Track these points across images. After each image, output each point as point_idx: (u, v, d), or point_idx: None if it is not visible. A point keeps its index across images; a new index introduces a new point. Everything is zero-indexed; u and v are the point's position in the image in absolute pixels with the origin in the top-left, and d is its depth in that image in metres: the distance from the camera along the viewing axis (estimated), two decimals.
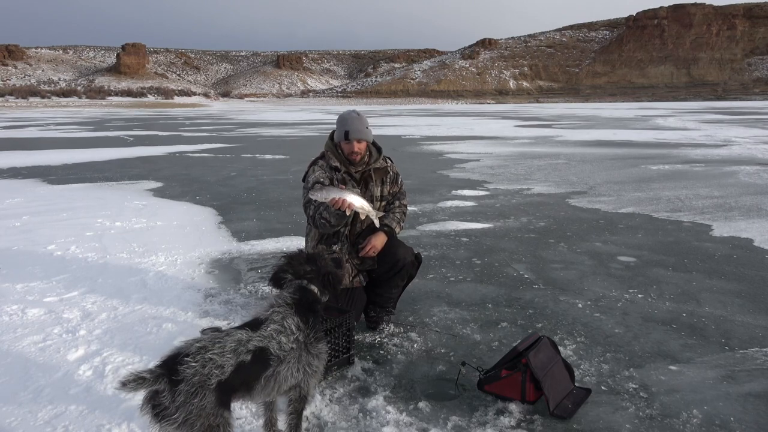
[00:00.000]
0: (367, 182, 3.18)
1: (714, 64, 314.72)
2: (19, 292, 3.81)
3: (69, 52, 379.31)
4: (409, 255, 3.22)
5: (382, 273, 3.20)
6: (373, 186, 3.20)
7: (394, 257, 3.16)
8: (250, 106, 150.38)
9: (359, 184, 3.16)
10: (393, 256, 3.16)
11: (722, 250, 4.91)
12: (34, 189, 8.83)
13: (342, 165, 3.14)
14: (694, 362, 2.78)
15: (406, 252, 3.21)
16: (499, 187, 8.58)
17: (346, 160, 3.15)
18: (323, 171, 3.13)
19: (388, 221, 3.22)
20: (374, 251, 3.11)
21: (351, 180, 3.14)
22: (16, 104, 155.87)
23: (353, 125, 3.11)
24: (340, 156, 3.15)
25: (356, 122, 3.13)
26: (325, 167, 3.15)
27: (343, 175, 3.12)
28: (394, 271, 3.19)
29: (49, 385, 2.55)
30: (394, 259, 3.16)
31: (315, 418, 2.32)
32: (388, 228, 3.18)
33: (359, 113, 3.20)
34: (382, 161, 3.24)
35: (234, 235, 5.55)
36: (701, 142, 17.22)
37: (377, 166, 3.21)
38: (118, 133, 26.09)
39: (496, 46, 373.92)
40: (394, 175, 3.31)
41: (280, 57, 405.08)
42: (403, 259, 3.18)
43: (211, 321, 3.29)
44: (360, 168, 3.17)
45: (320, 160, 3.19)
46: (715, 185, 8.65)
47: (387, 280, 3.22)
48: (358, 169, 3.17)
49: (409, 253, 3.22)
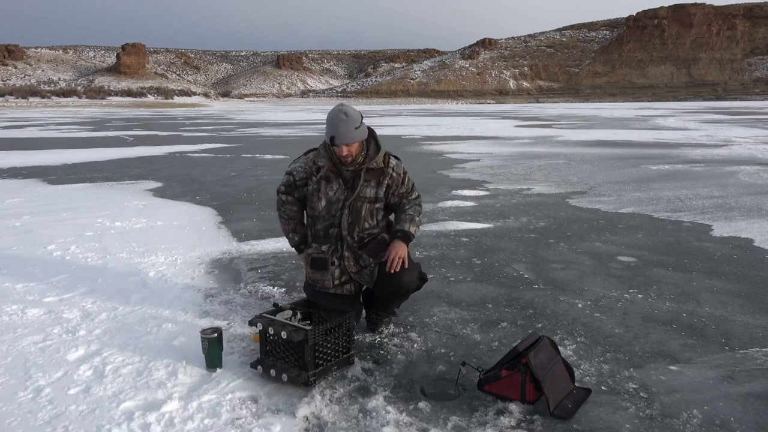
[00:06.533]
0: (354, 182, 2.97)
1: (714, 64, 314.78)
2: (19, 292, 3.81)
3: (69, 52, 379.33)
4: (414, 280, 3.05)
5: (383, 295, 3.06)
6: (363, 187, 2.98)
7: (398, 283, 2.98)
8: (250, 106, 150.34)
9: (347, 184, 2.98)
10: (397, 282, 2.97)
11: (722, 250, 4.91)
12: (34, 189, 8.83)
13: (330, 162, 2.96)
14: (694, 362, 2.78)
15: (410, 277, 3.00)
16: (499, 187, 8.58)
17: (336, 159, 2.96)
18: (305, 164, 3.02)
19: (399, 225, 3.00)
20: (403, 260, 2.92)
21: (338, 178, 2.97)
22: (16, 104, 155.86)
23: (339, 129, 2.82)
24: (332, 154, 2.96)
25: (343, 125, 2.83)
26: (309, 161, 3.02)
27: (328, 173, 2.96)
28: (396, 295, 3.07)
29: (48, 385, 2.55)
30: (398, 285, 2.99)
31: (315, 418, 2.32)
32: (401, 233, 2.98)
33: (347, 113, 2.87)
34: (379, 161, 2.99)
35: (234, 235, 5.55)
36: (701, 142, 17.22)
37: (371, 167, 2.97)
38: (118, 133, 26.08)
39: (496, 46, 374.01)
40: (397, 177, 3.05)
41: (280, 57, 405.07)
42: (407, 285, 3.02)
43: (211, 321, 3.29)
44: (351, 168, 2.96)
45: (312, 152, 3.07)
46: (715, 185, 8.65)
47: (387, 301, 3.12)
48: (349, 169, 2.96)
49: (413, 276, 3.04)
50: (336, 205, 2.99)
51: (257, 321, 2.66)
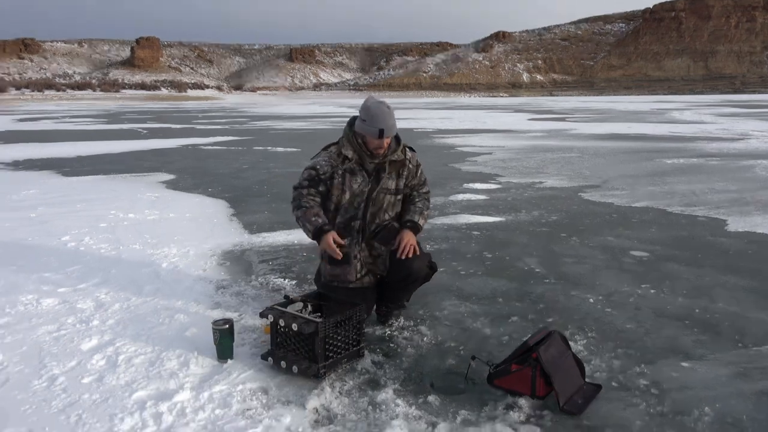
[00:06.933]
0: (379, 174, 3.03)
1: (732, 56, 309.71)
2: (34, 282, 3.86)
3: (84, 46, 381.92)
4: (424, 268, 3.08)
5: (393, 282, 3.09)
6: (386, 178, 3.04)
7: (408, 269, 3.01)
8: (263, 99, 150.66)
9: (370, 176, 3.03)
10: (407, 269, 3.01)
11: (737, 246, 4.85)
12: (49, 180, 8.94)
13: (355, 154, 2.99)
14: (707, 359, 2.75)
15: (421, 264, 3.05)
16: (511, 181, 8.53)
17: (363, 151, 2.98)
18: (329, 158, 3.01)
19: (409, 216, 3.08)
20: (413, 249, 2.97)
21: (362, 171, 3.01)
22: (32, 97, 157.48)
23: (388, 122, 2.89)
24: (357, 146, 2.99)
25: (389, 118, 2.90)
26: (333, 154, 3.02)
27: (353, 165, 2.99)
28: (406, 282, 3.09)
29: (62, 374, 2.59)
30: (408, 272, 3.02)
31: (325, 409, 2.33)
32: (410, 223, 3.05)
33: (389, 106, 2.96)
34: (400, 153, 3.06)
35: (245, 228, 5.58)
36: (717, 135, 16.97)
37: (393, 159, 3.04)
38: (132, 125, 26.29)
39: (510, 39, 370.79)
40: (413, 168, 3.14)
41: (293, 50, 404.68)
42: (417, 272, 3.05)
43: (223, 312, 3.31)
44: (376, 160, 3.01)
45: (332, 146, 3.07)
46: (731, 179, 8.53)
47: (398, 289, 3.14)
48: (374, 161, 3.01)
49: (423, 264, 3.08)
50: (359, 197, 3.03)
51: (268, 313, 2.67)
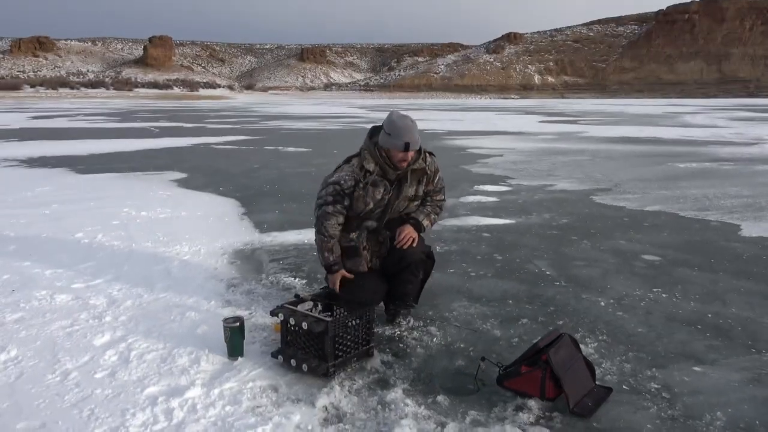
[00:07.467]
0: (401, 183, 3.07)
1: (746, 60, 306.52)
2: (48, 278, 3.91)
3: (97, 44, 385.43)
4: (418, 252, 3.11)
5: (390, 266, 3.14)
6: (407, 187, 3.09)
7: (401, 251, 3.06)
8: (274, 99, 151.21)
9: (392, 185, 3.05)
10: (400, 251, 3.06)
11: (751, 251, 4.80)
12: (63, 178, 9.03)
13: (377, 167, 3.01)
14: (719, 364, 2.73)
15: (416, 250, 3.09)
16: (521, 183, 8.50)
17: (386, 164, 3.00)
18: (351, 172, 3.01)
19: (415, 214, 3.14)
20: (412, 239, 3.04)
21: (383, 181, 3.01)
22: (46, 95, 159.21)
23: (413, 136, 2.92)
24: (379, 158, 3.00)
25: (415, 133, 2.94)
26: (355, 168, 3.02)
27: (375, 177, 3.00)
28: (401, 266, 3.10)
29: (75, 369, 2.62)
30: (401, 254, 3.06)
31: (334, 408, 2.34)
32: (414, 220, 3.11)
33: (413, 120, 3.00)
34: (420, 161, 3.09)
35: (256, 227, 5.60)
36: (731, 139, 16.82)
37: (415, 167, 3.08)
38: (144, 124, 26.47)
39: (522, 40, 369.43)
40: (431, 174, 3.18)
41: (304, 50, 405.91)
42: (410, 255, 3.07)
43: (234, 310, 3.33)
44: (399, 171, 3.04)
45: (354, 158, 3.08)
46: (744, 184, 8.45)
47: (395, 275, 3.15)
48: (397, 173, 3.04)
49: (418, 249, 3.11)
50: (379, 206, 3.07)
51: (278, 311, 2.69)
